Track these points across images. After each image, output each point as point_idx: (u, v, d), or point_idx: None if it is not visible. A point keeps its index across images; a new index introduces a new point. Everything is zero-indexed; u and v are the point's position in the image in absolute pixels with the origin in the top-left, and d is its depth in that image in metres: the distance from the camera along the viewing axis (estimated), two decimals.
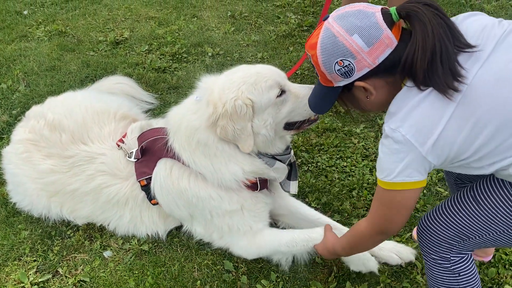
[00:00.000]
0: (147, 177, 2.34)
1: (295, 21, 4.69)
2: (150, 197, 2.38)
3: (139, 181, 2.36)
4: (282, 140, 2.21)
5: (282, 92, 2.07)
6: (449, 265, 1.74)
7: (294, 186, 2.31)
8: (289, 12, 4.92)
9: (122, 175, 2.42)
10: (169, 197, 2.31)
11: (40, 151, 2.56)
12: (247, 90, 2.01)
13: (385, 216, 1.65)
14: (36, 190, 2.56)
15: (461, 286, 1.76)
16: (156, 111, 3.49)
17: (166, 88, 3.78)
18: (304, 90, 2.11)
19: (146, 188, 2.36)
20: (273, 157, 2.18)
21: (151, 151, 2.35)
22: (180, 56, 4.21)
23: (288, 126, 2.16)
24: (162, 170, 2.29)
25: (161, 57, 4.21)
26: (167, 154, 2.25)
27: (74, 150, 2.48)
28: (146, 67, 4.05)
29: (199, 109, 2.11)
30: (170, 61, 4.15)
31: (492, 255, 2.30)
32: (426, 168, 1.51)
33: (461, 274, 1.75)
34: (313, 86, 2.11)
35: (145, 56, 4.25)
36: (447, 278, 1.76)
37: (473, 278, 1.77)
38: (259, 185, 2.24)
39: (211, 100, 2.05)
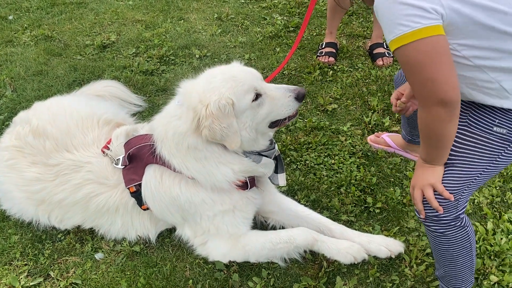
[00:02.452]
0: (136, 183, 2.34)
1: (281, 22, 4.74)
2: (141, 203, 2.39)
3: (128, 188, 2.35)
4: (265, 136, 2.25)
5: (258, 95, 2.10)
6: (461, 223, 1.76)
7: (282, 179, 2.36)
8: (275, 13, 4.97)
9: (110, 183, 2.41)
10: (162, 205, 2.32)
11: (26, 158, 2.53)
12: (227, 92, 2.05)
13: (426, 79, 1.40)
14: (23, 198, 2.54)
15: (471, 240, 1.81)
16: (145, 113, 3.50)
17: (154, 91, 3.79)
18: (279, 92, 2.14)
19: (135, 194, 2.36)
20: (259, 153, 2.21)
21: (138, 157, 2.34)
22: (167, 58, 4.22)
23: (271, 124, 2.20)
24: (153, 178, 2.29)
25: (148, 59, 4.22)
26: (155, 160, 2.25)
27: (59, 159, 2.46)
28: (133, 70, 4.06)
29: (183, 115, 2.13)
30: (158, 63, 4.17)
31: None
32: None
33: (468, 225, 1.79)
34: (289, 86, 2.15)
35: (133, 59, 4.26)
36: (461, 237, 1.79)
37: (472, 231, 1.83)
38: (249, 184, 2.27)
39: (191, 104, 2.07)
